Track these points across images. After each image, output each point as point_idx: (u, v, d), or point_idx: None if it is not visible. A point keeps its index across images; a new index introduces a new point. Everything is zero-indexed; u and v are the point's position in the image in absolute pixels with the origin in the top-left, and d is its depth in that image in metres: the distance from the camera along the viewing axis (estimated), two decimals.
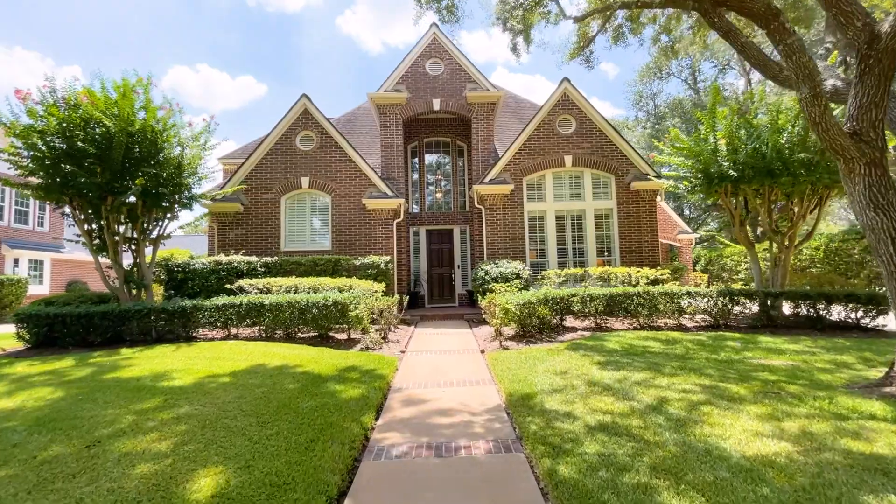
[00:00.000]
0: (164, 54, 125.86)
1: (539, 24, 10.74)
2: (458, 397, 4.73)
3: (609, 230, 12.38)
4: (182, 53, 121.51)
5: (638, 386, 4.50)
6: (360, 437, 3.61)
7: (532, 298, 7.88)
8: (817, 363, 5.41)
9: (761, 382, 4.54)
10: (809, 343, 6.65)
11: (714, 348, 6.34)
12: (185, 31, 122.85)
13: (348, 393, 4.67)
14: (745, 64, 28.94)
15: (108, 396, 4.53)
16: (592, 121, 12.55)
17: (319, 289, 8.99)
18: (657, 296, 8.49)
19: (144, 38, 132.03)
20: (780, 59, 4.81)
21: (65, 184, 8.06)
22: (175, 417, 3.88)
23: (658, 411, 3.75)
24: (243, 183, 11.90)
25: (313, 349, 6.93)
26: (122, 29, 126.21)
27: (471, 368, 6.00)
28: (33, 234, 18.62)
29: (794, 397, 4.04)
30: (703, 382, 4.58)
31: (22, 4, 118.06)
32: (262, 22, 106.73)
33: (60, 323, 7.60)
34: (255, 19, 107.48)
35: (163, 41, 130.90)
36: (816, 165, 8.33)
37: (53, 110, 7.81)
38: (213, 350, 6.78)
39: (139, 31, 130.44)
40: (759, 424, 3.41)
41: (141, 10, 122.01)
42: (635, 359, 5.71)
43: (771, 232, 9.32)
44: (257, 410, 4.06)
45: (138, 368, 5.71)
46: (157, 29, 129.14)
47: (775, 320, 8.32)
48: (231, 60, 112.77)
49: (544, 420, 3.69)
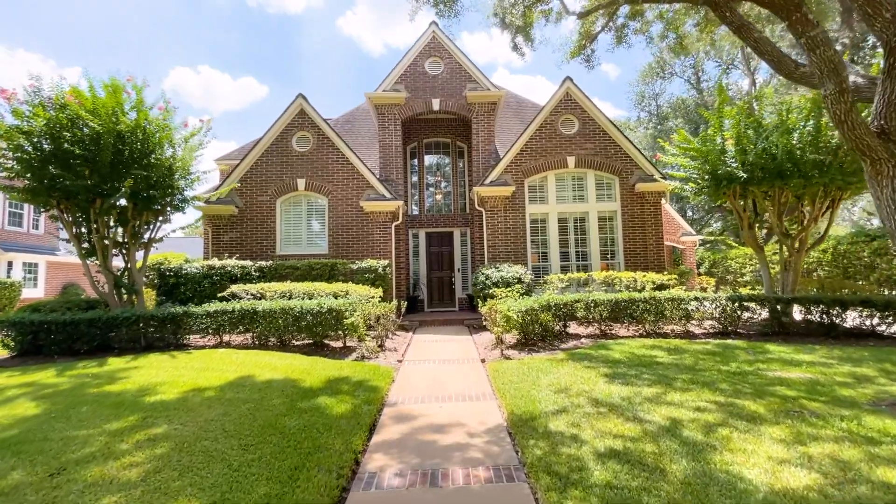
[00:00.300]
0: (165, 56, 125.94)
1: (539, 21, 10.44)
2: (456, 414, 4.45)
3: (613, 233, 12.09)
4: (183, 55, 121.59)
5: (648, 403, 4.21)
6: (349, 463, 3.33)
7: (534, 305, 7.60)
8: (836, 376, 5.11)
9: (780, 399, 4.25)
10: (825, 353, 6.35)
11: (725, 358, 6.05)
12: (186, 32, 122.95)
13: (339, 409, 4.39)
14: (750, 64, 28.65)
15: (84, 413, 4.26)
16: (596, 121, 12.27)
17: (315, 294, 8.71)
18: (664, 301, 8.20)
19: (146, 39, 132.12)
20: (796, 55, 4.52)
21: (52, 186, 7.81)
22: (151, 439, 3.60)
23: (672, 434, 3.47)
24: (238, 185, 11.63)
25: (306, 359, 6.65)
26: (123, 31, 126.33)
27: (471, 381, 5.71)
28: (28, 236, 18.38)
29: (817, 417, 3.75)
30: (717, 399, 4.29)
31: (24, 6, 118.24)
32: (263, 23, 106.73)
33: (45, 331, 7.33)
34: (256, 21, 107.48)
35: (164, 43, 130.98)
36: (829, 166, 8.03)
37: (39, 111, 7.56)
38: (203, 359, 6.51)
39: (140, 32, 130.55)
40: (783, 450, 3.13)
41: (142, 12, 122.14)
42: (643, 371, 5.43)
43: (781, 235, 9.02)
44: (240, 430, 3.79)
45: (122, 380, 5.44)
46: (159, 30, 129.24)
47: (786, 327, 8.02)
48: (232, 62, 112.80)
49: (549, 444, 3.41)
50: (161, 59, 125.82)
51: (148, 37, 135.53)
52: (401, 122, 13.00)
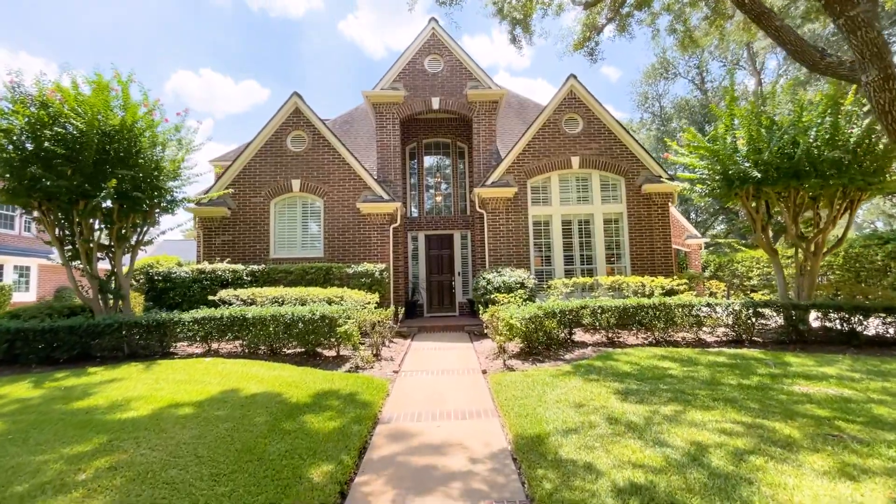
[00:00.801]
0: (167, 59, 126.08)
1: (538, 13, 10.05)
2: (456, 434, 4.05)
3: (619, 236, 11.68)
4: (185, 58, 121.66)
5: (668, 424, 3.81)
6: (333, 496, 2.93)
7: (539, 312, 7.20)
8: (868, 392, 4.70)
9: (813, 420, 3.84)
10: (850, 364, 5.94)
11: (744, 371, 5.64)
12: (188, 36, 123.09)
13: (327, 428, 4.00)
14: (756, 63, 28.26)
15: (45, 434, 3.87)
16: (601, 120, 11.88)
17: (307, 300, 8.32)
18: (674, 308, 7.80)
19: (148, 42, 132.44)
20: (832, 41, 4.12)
21: (32, 187, 7.44)
22: (113, 467, 3.21)
23: (699, 464, 3.06)
24: (231, 186, 11.26)
25: (296, 369, 6.25)
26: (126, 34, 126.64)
27: (472, 395, 5.31)
28: (19, 239, 18.03)
29: (860, 442, 3.35)
30: (743, 419, 3.88)
31: (27, 9, 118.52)
32: (265, 26, 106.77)
33: (23, 339, 6.95)
34: (258, 24, 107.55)
35: (166, 46, 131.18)
36: (848, 166, 7.64)
37: (19, 107, 7.21)
38: (186, 370, 6.12)
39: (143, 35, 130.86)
40: (831, 486, 2.72)
41: (145, 15, 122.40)
42: (658, 385, 5.02)
43: (796, 238, 8.62)
44: (215, 456, 3.39)
45: (96, 394, 5.06)
46: (161, 34, 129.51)
47: (804, 335, 7.60)
48: (234, 65, 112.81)
49: (560, 475, 3.01)
50: (163, 62, 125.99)
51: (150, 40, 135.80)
52: (399, 121, 12.63)
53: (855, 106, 7.85)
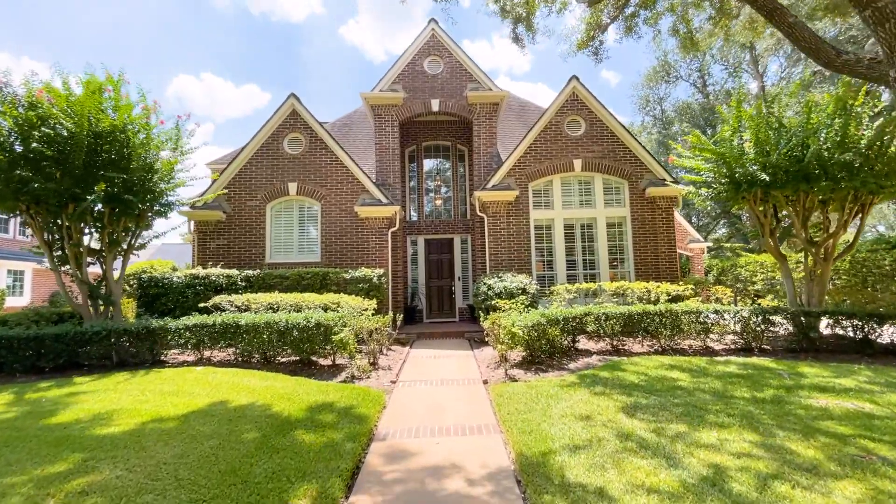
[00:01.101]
0: (168, 63, 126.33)
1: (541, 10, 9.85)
2: (456, 451, 3.81)
3: (622, 240, 11.46)
4: (187, 63, 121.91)
5: (681, 443, 3.57)
6: None
7: (541, 319, 6.96)
8: (891, 407, 4.46)
9: (836, 439, 3.60)
10: (868, 375, 5.70)
11: (756, 383, 5.39)
12: (189, 40, 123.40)
13: (319, 445, 3.76)
14: (759, 66, 28.12)
15: (17, 453, 3.63)
16: (604, 122, 11.68)
17: (303, 307, 8.08)
18: (681, 315, 7.56)
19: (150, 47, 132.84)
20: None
21: (19, 189, 7.22)
22: (84, 491, 2.97)
23: (720, 489, 2.82)
24: (226, 189, 11.04)
25: (290, 379, 6.01)
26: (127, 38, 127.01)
27: (472, 407, 5.07)
28: (14, 242, 17.81)
29: (890, 465, 3.11)
30: (761, 438, 3.64)
31: (29, 14, 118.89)
32: (266, 30, 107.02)
33: (7, 347, 6.71)
34: (259, 28, 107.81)
35: (167, 50, 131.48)
36: (860, 169, 7.42)
37: (7, 108, 7.01)
38: (175, 380, 5.88)
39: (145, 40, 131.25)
40: None
41: (146, 20, 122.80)
42: (668, 399, 4.78)
43: (806, 243, 8.39)
44: (196, 478, 3.15)
45: (77, 406, 4.82)
46: (162, 38, 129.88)
47: (815, 343, 7.37)
48: (235, 69, 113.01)
49: (569, 502, 2.77)
50: (164, 66, 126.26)
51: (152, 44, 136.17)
52: (398, 123, 12.43)
53: (865, 107, 7.65)
